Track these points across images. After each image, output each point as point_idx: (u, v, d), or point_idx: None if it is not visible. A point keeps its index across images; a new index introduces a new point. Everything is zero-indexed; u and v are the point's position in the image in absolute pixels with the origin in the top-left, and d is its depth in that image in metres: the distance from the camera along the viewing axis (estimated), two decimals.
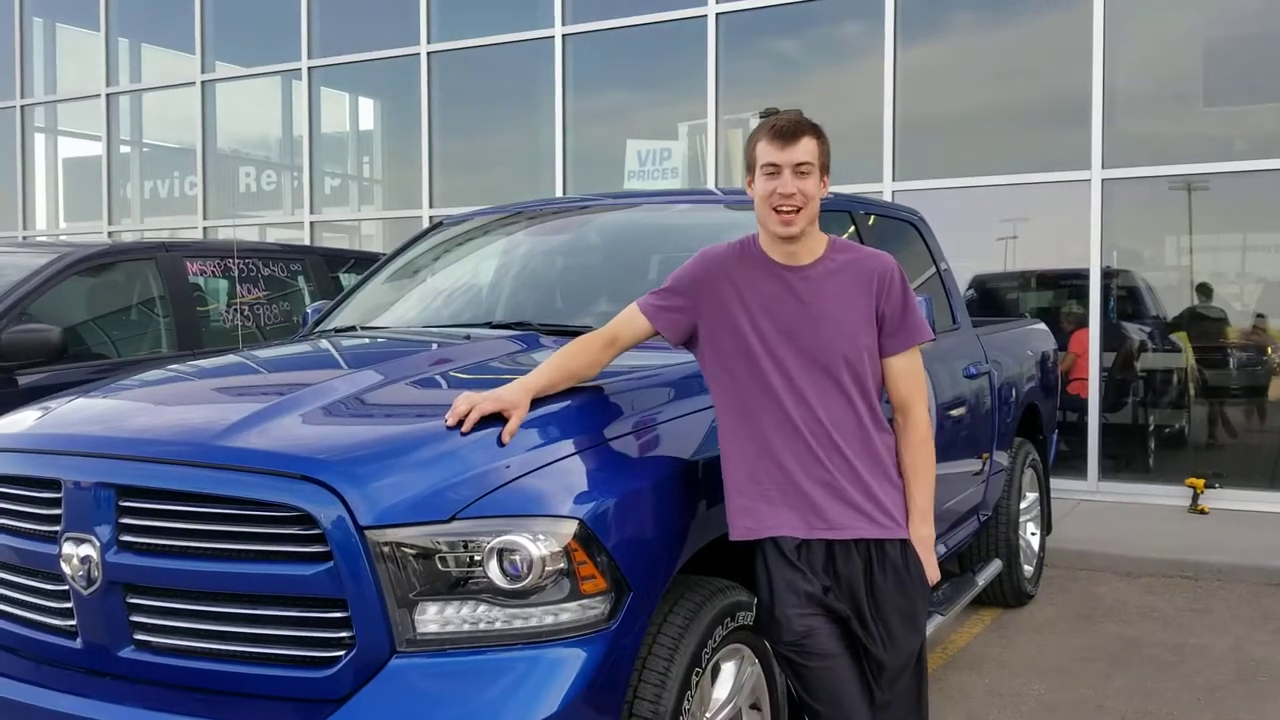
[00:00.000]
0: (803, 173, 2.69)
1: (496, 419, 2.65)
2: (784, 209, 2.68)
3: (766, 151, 2.72)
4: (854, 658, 2.72)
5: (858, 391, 2.72)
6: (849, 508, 2.69)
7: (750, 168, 2.78)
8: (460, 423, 2.62)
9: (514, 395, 2.70)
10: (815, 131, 2.74)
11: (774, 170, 2.70)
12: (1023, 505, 5.90)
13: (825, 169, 2.76)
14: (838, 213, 4.38)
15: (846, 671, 2.70)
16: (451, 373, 3.22)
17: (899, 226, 5.17)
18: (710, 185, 9.52)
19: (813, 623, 2.68)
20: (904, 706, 2.77)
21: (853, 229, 4.43)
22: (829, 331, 2.71)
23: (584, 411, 2.85)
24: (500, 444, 2.59)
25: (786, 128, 2.71)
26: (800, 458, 2.70)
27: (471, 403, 2.65)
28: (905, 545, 2.75)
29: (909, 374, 2.82)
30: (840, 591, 2.70)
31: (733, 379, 2.76)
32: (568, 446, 2.68)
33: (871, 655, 2.71)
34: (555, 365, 2.85)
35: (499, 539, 2.43)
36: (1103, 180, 8.34)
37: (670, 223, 4.47)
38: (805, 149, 2.70)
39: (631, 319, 2.90)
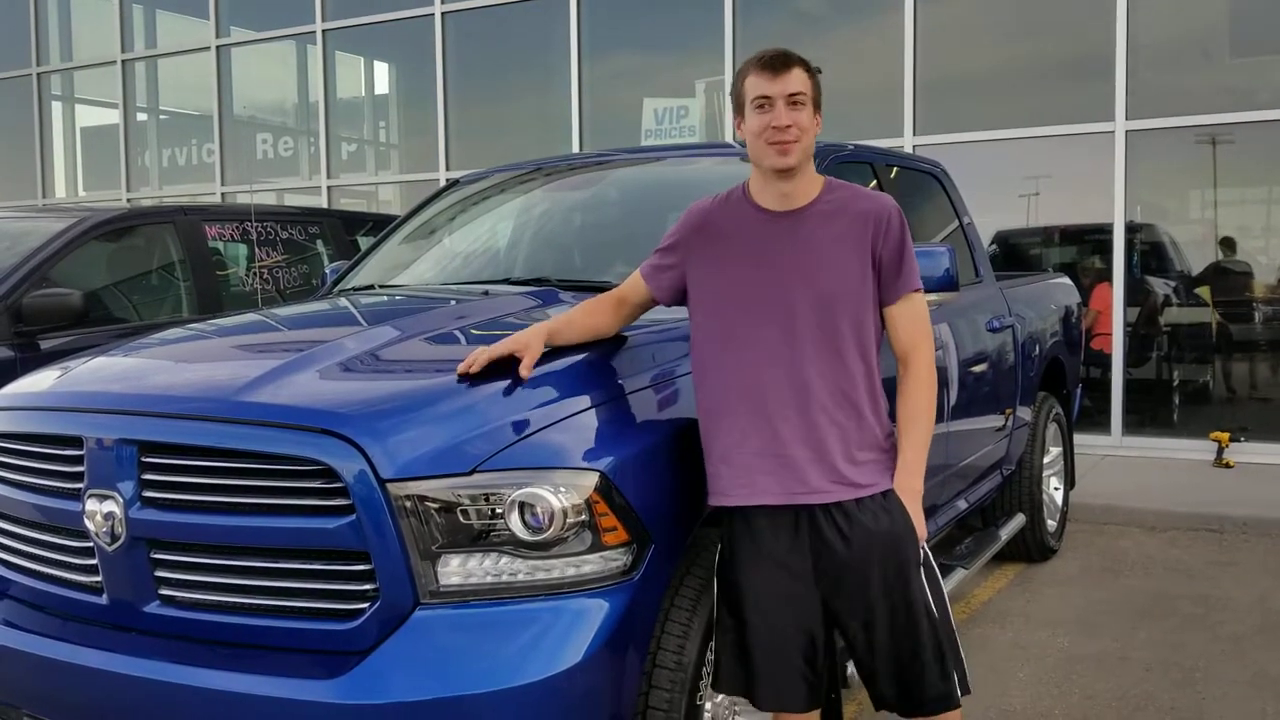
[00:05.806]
0: (797, 103, 2.56)
1: (514, 371, 2.64)
2: (779, 142, 2.55)
3: (756, 84, 2.59)
4: (803, 634, 2.58)
5: (853, 346, 2.58)
6: (831, 469, 2.55)
7: (740, 106, 2.64)
8: (478, 378, 2.61)
9: (527, 336, 2.70)
10: (805, 64, 2.61)
11: (766, 102, 2.57)
12: (1046, 460, 5.86)
13: (818, 105, 2.64)
14: (858, 163, 4.34)
15: (787, 647, 2.57)
16: (470, 328, 3.22)
17: (921, 178, 5.12)
18: (729, 139, 9.44)
19: (770, 589, 2.57)
20: (924, 655, 2.59)
21: (874, 181, 4.38)
22: (820, 282, 2.57)
23: (604, 365, 2.84)
24: (517, 388, 2.59)
25: (777, 57, 2.59)
26: (784, 417, 2.56)
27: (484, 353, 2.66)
28: (888, 495, 2.60)
29: (910, 321, 2.67)
30: (816, 557, 2.57)
31: (714, 334, 2.64)
32: (588, 399, 2.67)
33: (857, 615, 2.59)
34: (571, 316, 2.86)
35: (520, 491, 2.43)
36: (1127, 132, 8.23)
37: (687, 177, 4.43)
38: (798, 79, 2.57)
39: (635, 282, 2.86)
